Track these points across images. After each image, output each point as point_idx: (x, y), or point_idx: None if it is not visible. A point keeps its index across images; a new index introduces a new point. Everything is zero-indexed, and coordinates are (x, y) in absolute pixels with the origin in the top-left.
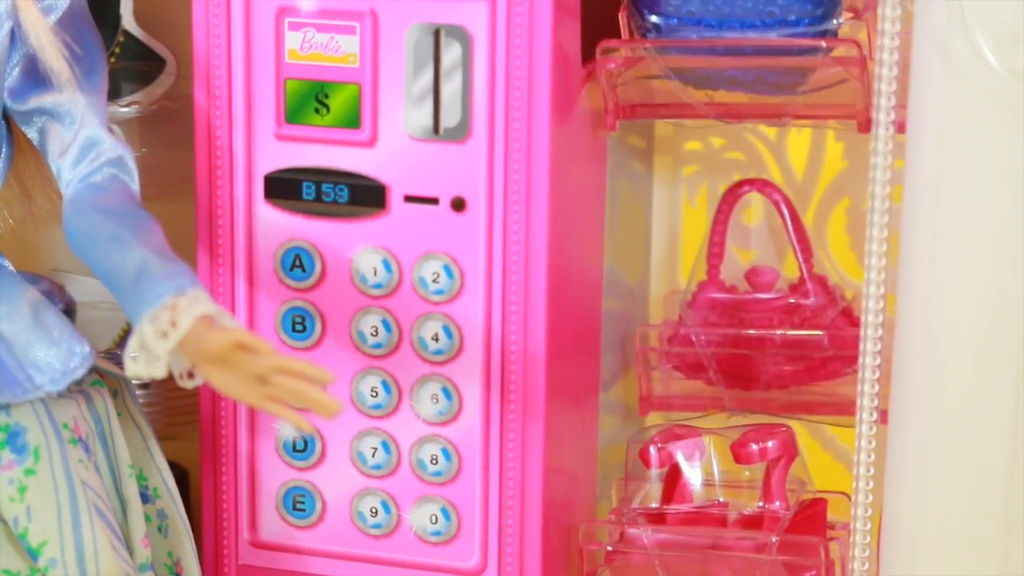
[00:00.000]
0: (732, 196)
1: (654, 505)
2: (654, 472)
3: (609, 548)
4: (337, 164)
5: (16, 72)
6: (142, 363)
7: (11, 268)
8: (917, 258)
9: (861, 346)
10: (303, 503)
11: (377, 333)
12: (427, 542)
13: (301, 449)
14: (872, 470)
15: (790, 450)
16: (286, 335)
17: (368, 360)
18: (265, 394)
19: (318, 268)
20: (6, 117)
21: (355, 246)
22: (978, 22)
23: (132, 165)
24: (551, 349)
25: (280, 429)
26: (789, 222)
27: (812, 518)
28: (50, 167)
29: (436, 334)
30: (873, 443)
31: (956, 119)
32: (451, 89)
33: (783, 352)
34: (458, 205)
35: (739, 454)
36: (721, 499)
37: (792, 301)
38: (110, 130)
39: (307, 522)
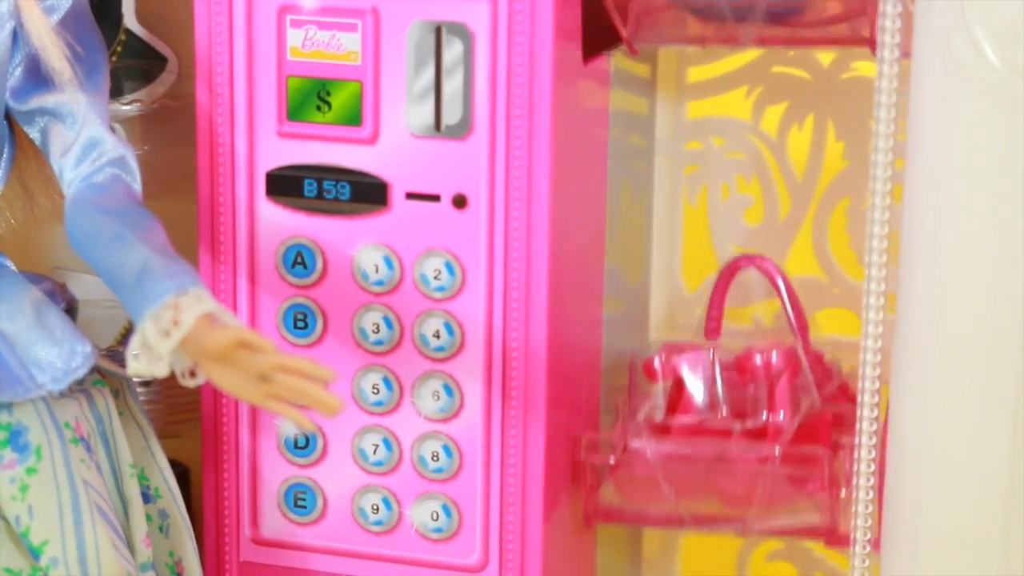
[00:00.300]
0: (729, 272)
1: (658, 418)
2: (658, 386)
3: (612, 461)
4: (339, 161)
5: (18, 72)
6: (144, 362)
7: (13, 268)
8: (917, 257)
9: (862, 343)
10: (304, 500)
11: (378, 330)
12: (428, 539)
13: (302, 446)
14: (872, 467)
15: (794, 363)
16: (288, 332)
17: (369, 357)
18: (267, 392)
19: (319, 265)
20: (8, 117)
21: (356, 243)
22: (979, 20)
23: (134, 165)
24: (552, 346)
25: (281, 426)
26: (786, 298)
27: (816, 430)
28: (52, 167)
29: (437, 331)
30: (874, 440)
31: (957, 118)
32: (452, 86)
33: None
34: (459, 202)
35: (744, 367)
36: (725, 413)
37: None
38: (112, 129)
39: (308, 519)
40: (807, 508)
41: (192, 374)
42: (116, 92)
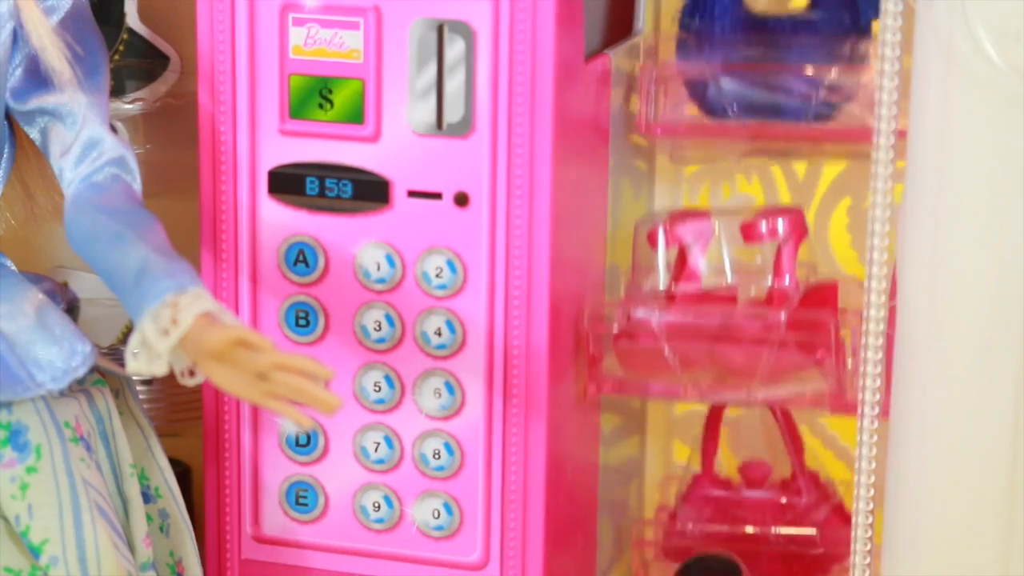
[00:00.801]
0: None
1: (662, 287)
2: (661, 256)
3: (615, 330)
4: (341, 159)
5: (18, 72)
6: (143, 361)
7: (13, 268)
8: (918, 257)
9: (863, 340)
10: (306, 498)
11: (380, 328)
12: (429, 537)
13: (304, 444)
14: (873, 466)
15: (799, 230)
16: (289, 330)
17: (371, 355)
18: (265, 391)
19: (321, 263)
20: (8, 118)
21: (358, 241)
22: (980, 19)
23: (134, 164)
24: (553, 344)
25: (283, 424)
26: (781, 421)
27: (823, 299)
28: (52, 167)
29: (439, 329)
30: (875, 437)
31: (958, 116)
32: (454, 84)
33: (777, 549)
34: (461, 200)
35: (748, 232)
36: (730, 280)
37: (784, 500)
38: (113, 129)
39: (310, 517)
40: (813, 376)
41: (191, 373)
42: (118, 91)
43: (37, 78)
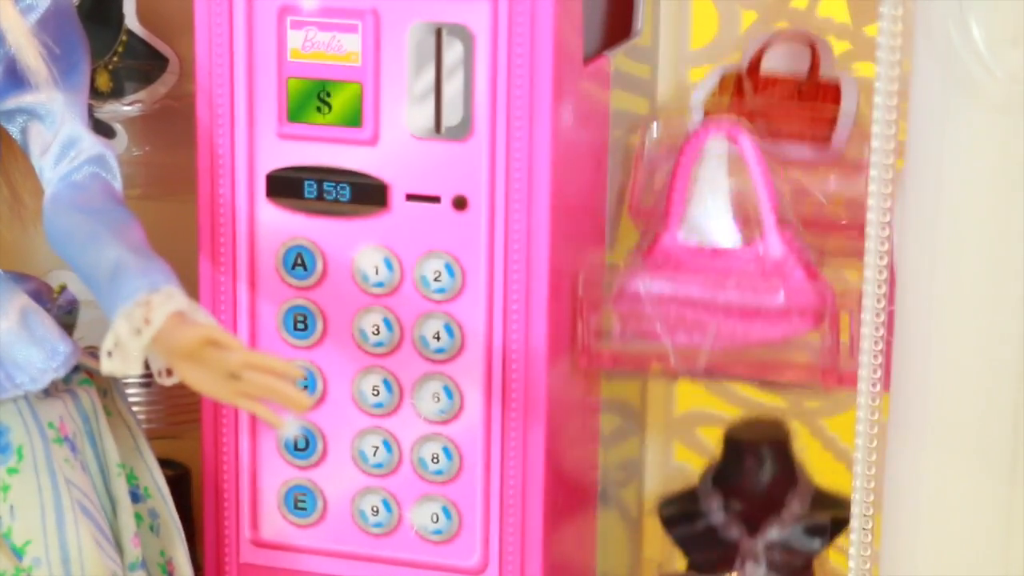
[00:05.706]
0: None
1: None
2: None
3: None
4: (339, 163)
5: None
6: (117, 361)
7: None
8: (915, 260)
9: (862, 345)
10: (304, 502)
11: (378, 332)
12: (428, 541)
13: (302, 448)
14: (873, 469)
15: None
16: (287, 334)
17: (369, 359)
18: (237, 390)
19: (319, 267)
20: None
21: (356, 245)
22: (976, 24)
23: (114, 162)
24: (553, 348)
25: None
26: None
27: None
28: (33, 166)
29: (438, 333)
30: (874, 442)
31: (955, 121)
32: (453, 88)
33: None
34: (460, 204)
35: None
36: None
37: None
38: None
39: (308, 521)
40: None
41: (169, 372)
42: (117, 93)
43: (15, 77)
